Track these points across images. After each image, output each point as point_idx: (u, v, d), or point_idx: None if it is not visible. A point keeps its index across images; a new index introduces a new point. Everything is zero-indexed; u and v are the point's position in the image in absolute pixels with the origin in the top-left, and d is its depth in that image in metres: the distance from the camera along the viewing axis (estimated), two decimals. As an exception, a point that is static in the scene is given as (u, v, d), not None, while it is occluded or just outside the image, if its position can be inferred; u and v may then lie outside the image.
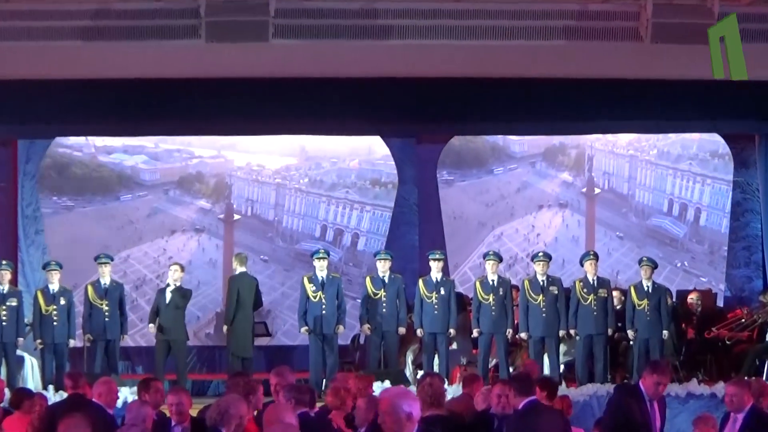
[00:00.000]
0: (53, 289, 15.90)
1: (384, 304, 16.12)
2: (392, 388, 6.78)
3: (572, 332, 16.04)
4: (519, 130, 18.63)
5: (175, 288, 16.10)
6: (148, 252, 18.60)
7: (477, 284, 16.29)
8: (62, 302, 15.81)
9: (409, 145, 19.13)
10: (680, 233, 19.37)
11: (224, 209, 18.82)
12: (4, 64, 15.79)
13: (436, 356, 16.05)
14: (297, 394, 8.87)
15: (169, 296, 16.04)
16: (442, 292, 16.14)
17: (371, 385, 10.30)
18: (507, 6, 16.26)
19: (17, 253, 18.13)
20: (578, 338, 16.01)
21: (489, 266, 16.26)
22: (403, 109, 17.09)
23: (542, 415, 8.58)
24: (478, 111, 17.17)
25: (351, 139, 19.01)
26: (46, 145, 18.38)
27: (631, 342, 16.11)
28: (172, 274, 16.18)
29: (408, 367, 16.67)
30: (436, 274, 16.25)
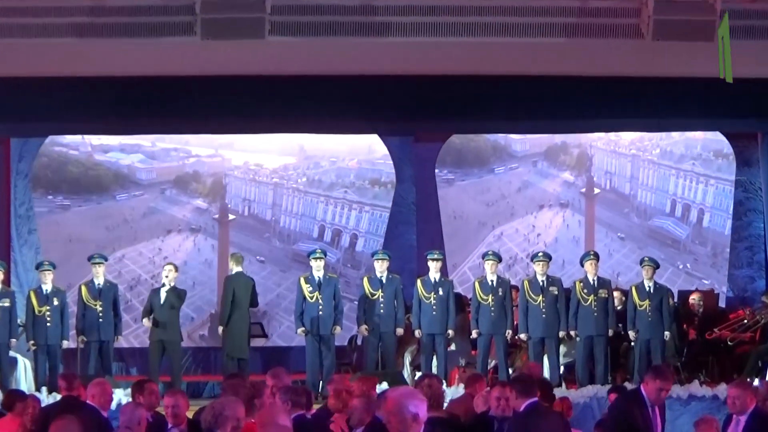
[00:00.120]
0: (46, 290, 15.86)
1: (381, 305, 16.08)
2: (399, 388, 6.71)
3: (572, 333, 16.00)
4: (518, 128, 18.60)
5: (170, 288, 16.08)
6: (143, 252, 18.58)
7: (476, 284, 16.26)
8: (55, 303, 15.77)
9: (407, 143, 19.10)
10: (683, 234, 19.30)
11: (219, 209, 18.81)
12: (-3, 60, 15.81)
13: (434, 357, 16.01)
14: (293, 396, 8.82)
15: (164, 296, 15.99)
16: (440, 292, 16.10)
17: (374, 387, 10.25)
18: (506, 2, 16.26)
19: (10, 253, 18.09)
20: (578, 339, 15.98)
21: (488, 266, 16.23)
22: (401, 107, 17.08)
23: (543, 417, 8.58)
24: (477, 109, 17.16)
25: (350, 138, 18.98)
26: (40, 144, 18.35)
27: (632, 343, 16.09)
28: (167, 274, 16.12)
29: (406, 369, 16.64)
30: (434, 274, 16.22)
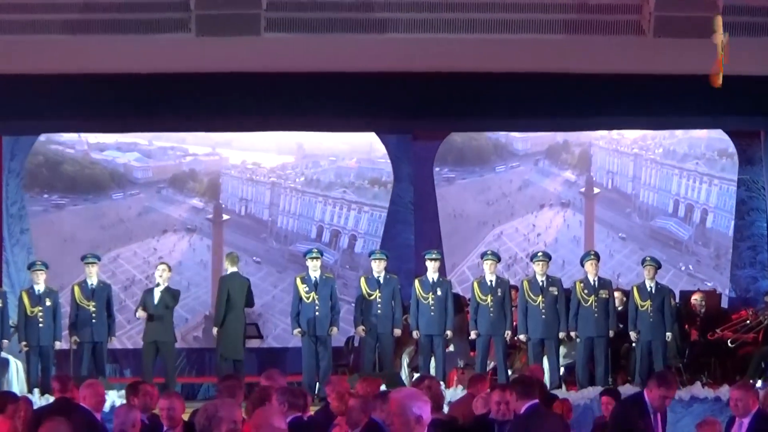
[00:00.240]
0: (39, 290, 15.83)
1: (379, 305, 16.07)
2: (402, 389, 6.70)
3: (572, 334, 15.99)
4: (518, 126, 18.57)
5: (164, 288, 16.04)
6: (137, 252, 18.55)
7: (475, 285, 16.24)
8: (48, 303, 15.74)
9: (406, 141, 19.09)
10: (685, 235, 19.22)
11: (213, 209, 18.77)
12: (-12, 58, 15.78)
13: (432, 359, 15.98)
14: (291, 397, 8.76)
15: (158, 296, 15.96)
16: (438, 292, 16.08)
17: (378, 390, 10.20)
18: (506, -1, 16.26)
19: (1, 253, 18.05)
20: (579, 340, 15.96)
21: (487, 266, 16.21)
22: (399, 105, 17.03)
23: (544, 419, 8.58)
24: (476, 107, 17.12)
25: (351, 136, 18.94)
26: (32, 142, 18.32)
27: (633, 344, 16.07)
28: (160, 273, 16.06)
29: (404, 370, 16.63)
30: (432, 274, 16.20)
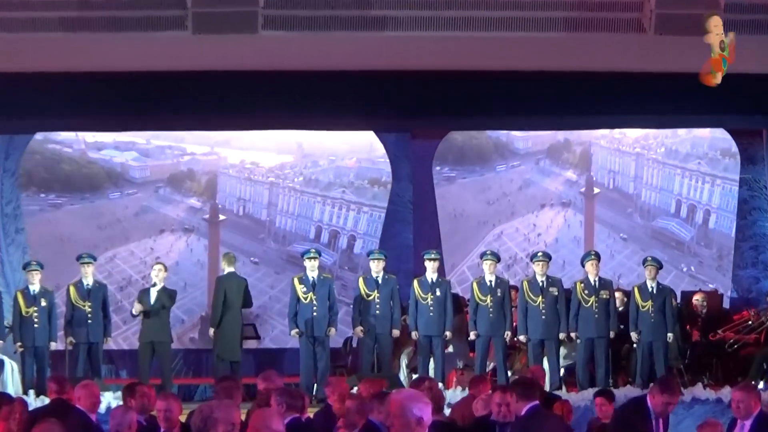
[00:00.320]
0: (34, 290, 15.80)
1: (377, 306, 16.04)
2: (403, 391, 6.69)
3: (573, 335, 15.98)
4: (518, 125, 18.56)
5: (161, 288, 16.02)
6: (134, 252, 18.53)
7: (474, 285, 16.22)
8: (43, 303, 15.70)
9: (404, 140, 19.07)
10: (687, 236, 19.17)
11: (209, 209, 18.74)
12: (-18, 56, 15.76)
13: (431, 359, 15.98)
14: (289, 399, 8.72)
15: (155, 296, 15.93)
16: (437, 293, 16.06)
17: (381, 390, 10.15)
18: (505, -5, 16.26)
19: (-4, 253, 18.08)
20: (579, 341, 15.94)
21: (486, 266, 16.18)
22: (397, 103, 17.01)
23: (544, 421, 8.58)
24: (476, 105, 17.10)
25: (350, 136, 18.90)
26: (27, 141, 18.30)
27: (635, 345, 16.07)
28: (157, 273, 16.01)
29: (402, 371, 16.62)
30: (431, 274, 16.17)
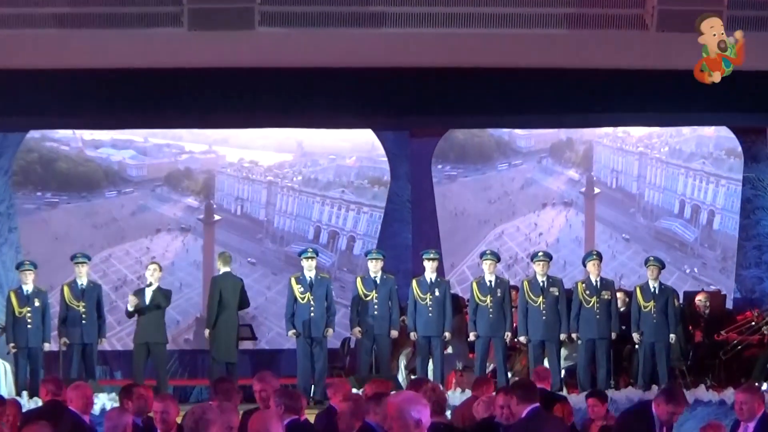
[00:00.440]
0: (27, 290, 15.77)
1: (375, 306, 16.01)
2: (400, 393, 6.70)
3: (574, 336, 15.98)
4: (518, 123, 18.54)
5: (156, 288, 15.99)
6: (130, 251, 18.51)
7: (474, 285, 16.20)
8: (36, 304, 15.68)
9: (403, 138, 19.07)
10: (691, 237, 19.12)
11: (204, 208, 18.72)
12: (-25, 53, 15.75)
13: (430, 361, 15.97)
14: (288, 400, 8.68)
15: (150, 296, 15.90)
16: (436, 293, 16.05)
17: (388, 391, 10.10)
18: (505, -8, 16.25)
19: (-11, 252, 18.07)
20: (580, 342, 15.94)
21: (486, 266, 16.17)
22: (396, 101, 16.99)
23: (545, 423, 8.58)
24: (476, 103, 17.08)
25: (352, 134, 18.87)
26: (20, 139, 18.29)
27: (636, 346, 16.06)
28: (152, 273, 15.97)
29: (401, 373, 16.62)
30: (430, 274, 16.16)
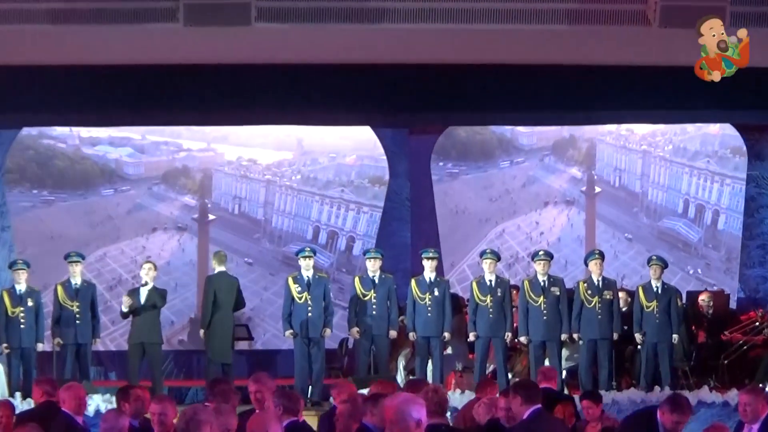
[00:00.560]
0: (20, 290, 15.75)
1: (374, 306, 15.98)
2: (397, 395, 6.70)
3: (575, 336, 15.97)
4: (518, 120, 18.53)
5: (151, 287, 15.95)
6: (125, 250, 18.50)
7: (474, 285, 16.19)
8: (30, 303, 15.66)
9: (402, 136, 19.06)
10: (695, 237, 19.11)
11: (199, 207, 18.70)
12: (-33, 49, 15.72)
13: (429, 361, 15.97)
14: (286, 401, 8.66)
15: (145, 295, 15.86)
16: (436, 293, 16.03)
17: (394, 392, 10.02)
18: (506, -12, 16.23)
19: (-19, 252, 18.06)
20: (581, 343, 15.93)
21: (486, 265, 16.14)
22: (395, 98, 16.96)
23: (546, 425, 8.59)
24: (476, 100, 17.07)
25: (352, 132, 18.87)
26: (13, 137, 18.28)
27: (639, 346, 16.05)
28: (147, 272, 15.93)
29: (400, 373, 16.60)
30: (429, 273, 16.13)
